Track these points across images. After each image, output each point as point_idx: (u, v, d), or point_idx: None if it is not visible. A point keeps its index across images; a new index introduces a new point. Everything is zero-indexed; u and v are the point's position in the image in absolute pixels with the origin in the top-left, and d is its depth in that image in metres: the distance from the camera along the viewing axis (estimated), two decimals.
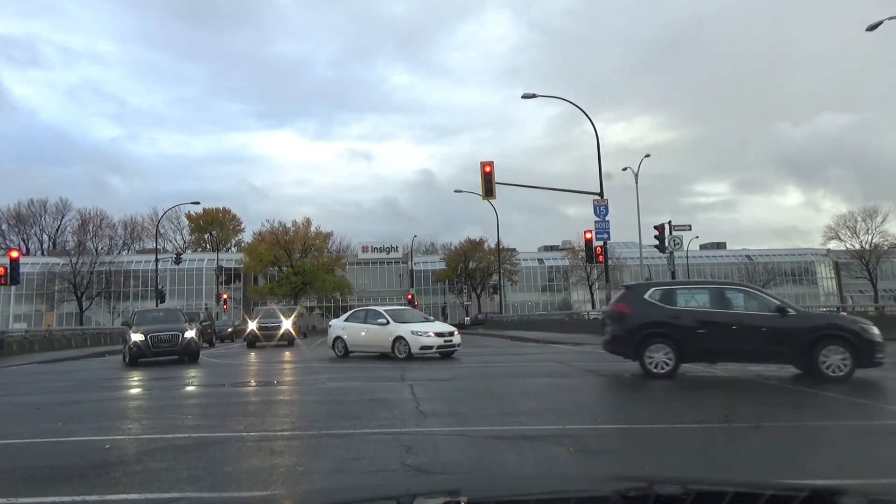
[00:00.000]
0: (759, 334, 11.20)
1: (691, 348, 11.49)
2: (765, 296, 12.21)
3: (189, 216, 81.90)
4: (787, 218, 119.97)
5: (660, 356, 11.51)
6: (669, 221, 30.83)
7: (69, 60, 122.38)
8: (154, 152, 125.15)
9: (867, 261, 70.42)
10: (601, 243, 26.90)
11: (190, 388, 12.74)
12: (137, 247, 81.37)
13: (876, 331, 11.05)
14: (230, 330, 41.65)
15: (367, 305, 23.40)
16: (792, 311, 11.36)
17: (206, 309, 56.09)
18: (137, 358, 19.07)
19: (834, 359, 10.67)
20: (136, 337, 19.00)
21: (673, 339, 11.48)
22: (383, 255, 75.47)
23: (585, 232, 28.66)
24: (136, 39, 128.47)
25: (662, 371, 11.46)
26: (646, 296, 12.02)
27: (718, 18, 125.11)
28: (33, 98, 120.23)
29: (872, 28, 22.53)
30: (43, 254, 76.76)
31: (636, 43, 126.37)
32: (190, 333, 19.56)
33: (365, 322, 19.74)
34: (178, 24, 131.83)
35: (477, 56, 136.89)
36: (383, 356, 18.46)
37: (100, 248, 74.88)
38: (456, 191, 52.44)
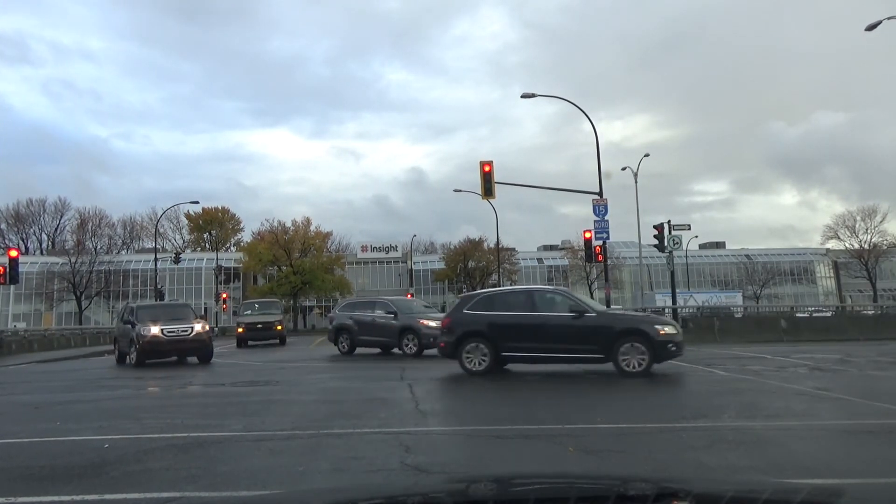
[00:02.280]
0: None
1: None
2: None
3: (188, 215, 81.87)
4: (784, 217, 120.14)
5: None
6: (669, 221, 30.82)
7: (60, 57, 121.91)
8: (149, 151, 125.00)
9: (866, 260, 70.42)
10: (600, 243, 26.88)
11: (189, 388, 12.74)
12: (136, 246, 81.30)
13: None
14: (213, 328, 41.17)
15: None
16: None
17: (204, 306, 56.17)
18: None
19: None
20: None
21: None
22: (382, 255, 75.47)
23: (585, 231, 28.63)
24: (128, 36, 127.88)
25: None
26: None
27: (714, 16, 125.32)
28: (24, 95, 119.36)
29: (871, 28, 22.52)
30: (42, 253, 76.71)
31: (632, 41, 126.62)
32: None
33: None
34: (171, 20, 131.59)
35: (472, 54, 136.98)
36: (386, 352, 18.33)
37: (99, 247, 74.77)
38: (455, 190, 52.46)
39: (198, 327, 18.44)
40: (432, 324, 17.57)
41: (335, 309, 21.34)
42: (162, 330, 17.72)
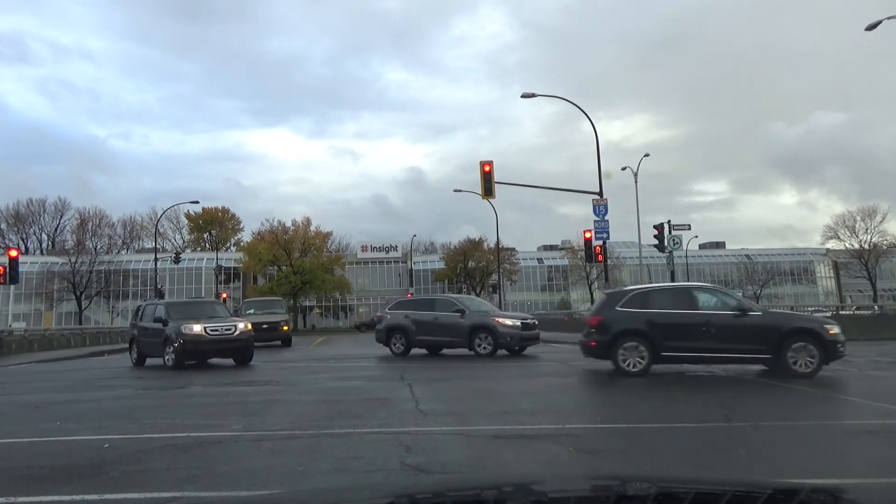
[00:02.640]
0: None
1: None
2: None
3: (188, 215, 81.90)
4: (783, 217, 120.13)
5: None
6: (669, 221, 30.84)
7: (59, 57, 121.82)
8: (148, 151, 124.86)
9: (866, 260, 70.47)
10: (600, 243, 26.88)
11: (189, 388, 12.73)
12: (136, 246, 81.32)
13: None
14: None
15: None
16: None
17: None
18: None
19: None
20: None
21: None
22: (382, 255, 75.49)
23: (585, 231, 28.63)
24: (127, 36, 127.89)
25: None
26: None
27: (714, 16, 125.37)
28: (22, 95, 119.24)
29: (872, 27, 22.51)
30: (42, 253, 76.72)
31: (631, 41, 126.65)
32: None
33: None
34: (170, 20, 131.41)
35: (472, 54, 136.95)
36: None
37: (99, 247, 74.80)
38: (455, 190, 52.38)
39: (241, 326, 17.16)
40: (509, 322, 17.35)
41: (386, 308, 20.00)
42: (205, 328, 16.28)
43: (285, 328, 26.25)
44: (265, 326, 24.35)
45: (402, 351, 18.40)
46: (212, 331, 16.30)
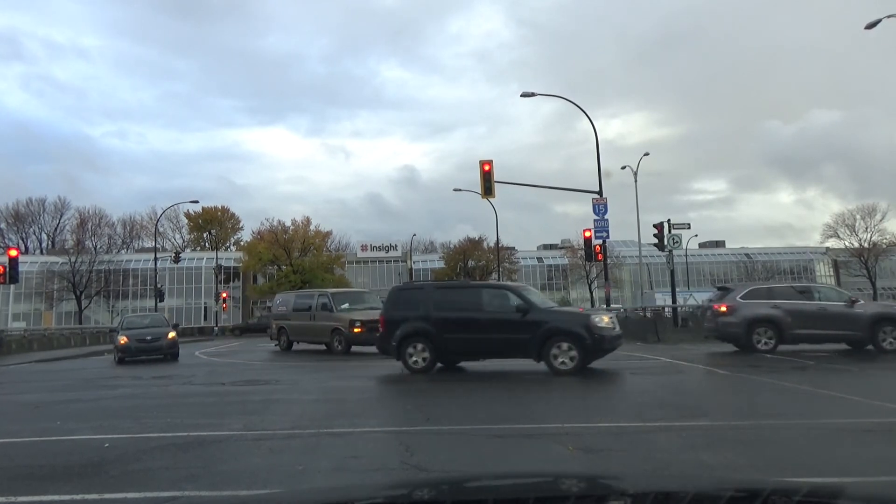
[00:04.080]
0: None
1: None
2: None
3: (188, 215, 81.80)
4: (781, 215, 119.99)
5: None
6: (668, 220, 30.82)
7: (53, 55, 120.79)
8: (144, 149, 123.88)
9: (866, 259, 70.45)
10: (600, 242, 26.89)
11: (189, 387, 12.73)
12: (136, 245, 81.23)
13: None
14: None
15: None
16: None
17: (204, 305, 56.03)
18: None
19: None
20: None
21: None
22: (382, 254, 75.49)
23: (584, 230, 28.64)
24: (122, 33, 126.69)
25: None
26: None
27: (711, 14, 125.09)
28: (16, 93, 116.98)
29: (871, 26, 22.50)
30: (42, 252, 76.66)
31: (628, 39, 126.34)
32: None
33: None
34: (165, 17, 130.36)
35: (468, 52, 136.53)
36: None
37: (98, 246, 74.72)
38: (455, 189, 52.26)
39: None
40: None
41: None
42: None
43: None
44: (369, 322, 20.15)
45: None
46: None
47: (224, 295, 61.46)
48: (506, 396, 10.20)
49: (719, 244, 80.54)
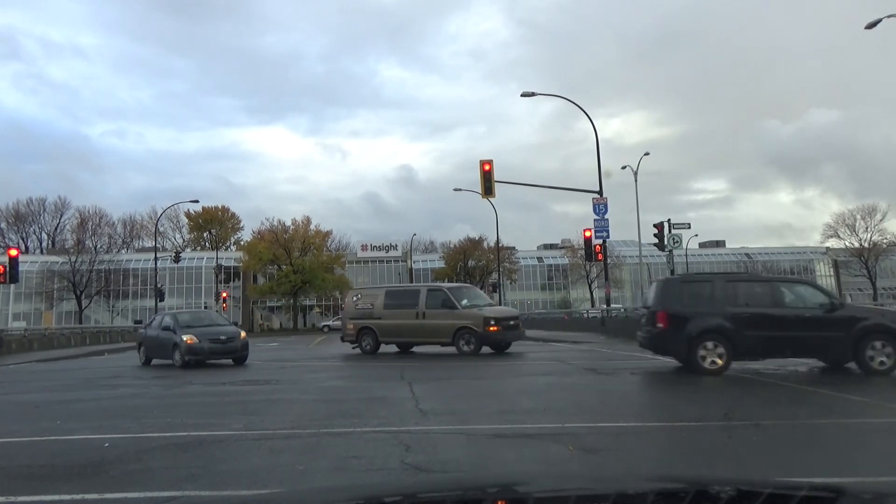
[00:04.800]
0: None
1: None
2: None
3: (188, 214, 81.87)
4: (781, 215, 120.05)
5: None
6: (669, 220, 30.85)
7: (50, 54, 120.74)
8: (142, 149, 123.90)
9: (866, 259, 70.50)
10: (600, 242, 26.90)
11: (189, 387, 12.73)
12: (136, 245, 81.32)
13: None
14: None
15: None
16: None
17: (204, 305, 56.15)
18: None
19: None
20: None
21: None
22: (382, 254, 75.55)
23: (585, 230, 28.65)
24: (119, 32, 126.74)
25: None
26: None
27: (710, 13, 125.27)
28: (12, 92, 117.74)
29: (871, 26, 22.49)
30: (42, 252, 76.70)
31: (627, 38, 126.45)
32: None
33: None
34: (163, 15, 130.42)
35: (467, 51, 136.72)
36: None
37: (99, 246, 74.75)
38: (455, 189, 52.31)
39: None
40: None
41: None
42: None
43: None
44: (511, 323, 19.02)
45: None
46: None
47: (224, 294, 61.53)
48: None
49: (719, 244, 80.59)
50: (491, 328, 17.77)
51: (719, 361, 11.77)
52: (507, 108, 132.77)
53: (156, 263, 52.43)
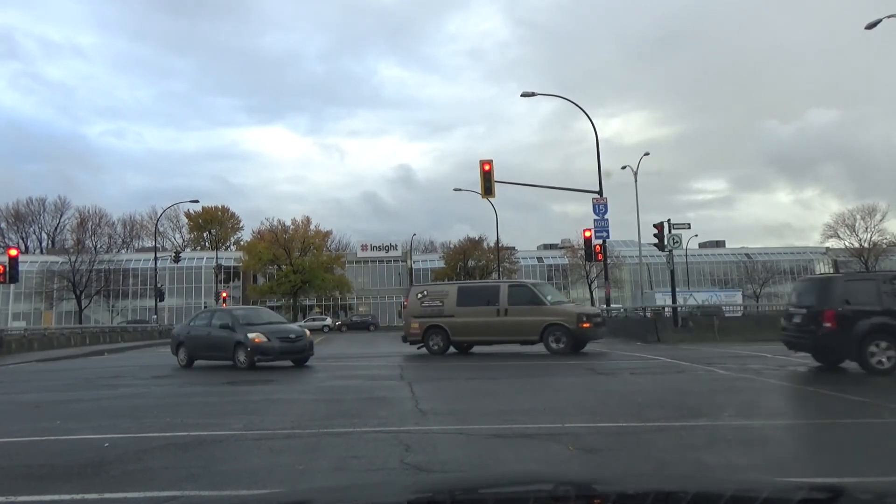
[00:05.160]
0: None
1: None
2: None
3: (188, 214, 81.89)
4: (780, 215, 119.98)
5: None
6: (668, 220, 30.83)
7: (49, 53, 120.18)
8: (141, 148, 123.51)
9: (866, 259, 70.48)
10: (600, 242, 26.91)
11: (188, 387, 12.73)
12: (136, 245, 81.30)
13: None
14: None
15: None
16: None
17: (204, 305, 56.12)
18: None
19: None
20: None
21: None
22: (382, 254, 75.50)
23: (585, 230, 28.66)
24: (119, 32, 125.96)
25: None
26: None
27: (710, 13, 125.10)
28: (10, 92, 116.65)
29: (871, 26, 22.50)
30: (42, 252, 76.68)
31: (627, 38, 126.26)
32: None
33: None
34: (162, 15, 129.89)
35: (466, 51, 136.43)
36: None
37: (99, 246, 74.76)
38: (455, 189, 52.34)
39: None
40: None
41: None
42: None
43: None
44: (599, 320, 18.71)
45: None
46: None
47: (224, 294, 61.50)
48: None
49: (719, 244, 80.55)
50: (584, 324, 17.12)
51: (886, 362, 11.51)
52: (506, 108, 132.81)
53: (156, 263, 52.42)
